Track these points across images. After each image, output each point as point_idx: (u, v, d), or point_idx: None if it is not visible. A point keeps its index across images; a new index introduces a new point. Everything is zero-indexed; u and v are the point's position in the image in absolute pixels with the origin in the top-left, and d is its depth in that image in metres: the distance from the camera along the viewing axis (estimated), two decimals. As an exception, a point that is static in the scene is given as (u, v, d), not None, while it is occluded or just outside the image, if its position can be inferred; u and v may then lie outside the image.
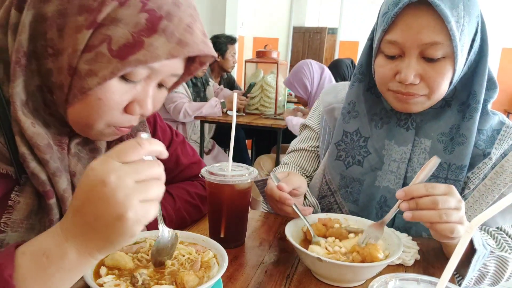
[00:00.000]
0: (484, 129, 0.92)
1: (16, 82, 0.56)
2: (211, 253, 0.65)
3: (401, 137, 0.95)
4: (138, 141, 0.47)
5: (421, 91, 0.86)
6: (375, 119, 0.98)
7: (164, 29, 0.55)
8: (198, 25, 0.60)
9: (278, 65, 3.13)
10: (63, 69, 0.56)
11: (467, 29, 0.81)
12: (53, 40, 0.55)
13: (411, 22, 0.81)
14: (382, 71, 0.89)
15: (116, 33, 0.54)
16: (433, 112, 0.94)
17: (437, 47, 0.80)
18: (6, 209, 0.59)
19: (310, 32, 6.83)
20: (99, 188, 0.44)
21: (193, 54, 0.58)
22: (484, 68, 0.89)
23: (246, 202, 0.84)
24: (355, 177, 0.99)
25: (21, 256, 0.46)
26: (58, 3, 0.54)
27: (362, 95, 1.00)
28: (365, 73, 1.00)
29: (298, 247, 0.69)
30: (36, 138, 0.58)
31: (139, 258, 0.64)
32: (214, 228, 0.83)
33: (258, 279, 0.70)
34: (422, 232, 0.94)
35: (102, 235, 0.46)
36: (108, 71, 0.54)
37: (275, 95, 3.17)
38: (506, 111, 5.35)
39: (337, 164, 1.02)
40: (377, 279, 0.46)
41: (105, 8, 0.53)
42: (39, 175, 0.59)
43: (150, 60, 0.55)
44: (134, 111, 0.62)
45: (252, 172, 0.81)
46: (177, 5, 0.57)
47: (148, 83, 0.61)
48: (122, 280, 0.57)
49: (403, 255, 0.78)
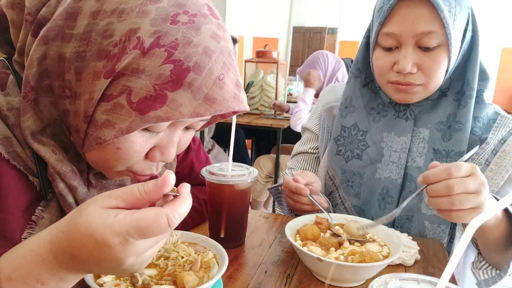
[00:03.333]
0: (480, 116, 0.95)
1: (26, 116, 0.53)
2: (211, 253, 0.65)
3: (401, 128, 0.97)
4: (170, 223, 0.41)
5: (418, 80, 0.89)
6: (373, 113, 1.01)
7: (190, 83, 0.49)
8: (231, 76, 0.53)
9: (278, 65, 3.13)
10: (80, 114, 0.52)
11: (459, 18, 0.85)
12: (70, 83, 0.52)
13: (406, 13, 0.84)
14: (380, 63, 0.92)
15: (137, 84, 0.49)
16: (431, 103, 0.97)
17: (432, 35, 0.84)
18: (29, 225, 0.57)
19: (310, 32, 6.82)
20: (114, 265, 0.41)
21: (220, 113, 0.52)
22: (476, 57, 0.92)
23: (246, 202, 0.84)
24: (355, 171, 1.01)
25: (8, 282, 0.42)
26: (77, 45, 0.51)
27: (358, 90, 1.03)
28: (361, 69, 1.03)
29: (298, 247, 0.69)
30: (60, 165, 0.56)
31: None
32: (214, 228, 0.83)
33: (258, 279, 0.70)
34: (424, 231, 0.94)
35: (105, 273, 0.46)
36: (126, 124, 0.50)
37: (275, 95, 3.17)
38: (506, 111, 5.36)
39: (337, 159, 1.04)
40: (377, 279, 0.46)
41: (125, 57, 0.48)
42: (66, 197, 0.57)
43: (172, 117, 0.50)
44: (155, 158, 0.57)
45: (252, 172, 0.81)
46: (208, 54, 0.50)
47: (173, 131, 0.57)
48: (122, 280, 0.57)
49: (403, 255, 0.78)
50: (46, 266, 0.42)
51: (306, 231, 0.77)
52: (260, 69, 3.28)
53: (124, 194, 0.42)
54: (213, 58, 0.51)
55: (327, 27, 6.69)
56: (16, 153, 0.55)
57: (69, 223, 0.42)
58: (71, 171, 0.57)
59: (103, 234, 0.39)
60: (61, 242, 0.42)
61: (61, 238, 0.42)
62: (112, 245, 0.39)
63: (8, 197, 0.54)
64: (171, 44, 0.49)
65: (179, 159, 0.90)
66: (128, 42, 0.48)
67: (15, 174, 0.55)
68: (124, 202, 0.42)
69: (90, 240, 0.40)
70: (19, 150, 0.55)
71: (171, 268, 0.61)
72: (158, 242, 0.44)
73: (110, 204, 0.41)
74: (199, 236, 0.70)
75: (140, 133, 0.53)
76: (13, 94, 0.55)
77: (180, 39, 0.49)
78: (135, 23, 0.49)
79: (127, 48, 0.48)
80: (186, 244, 0.68)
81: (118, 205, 0.41)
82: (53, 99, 0.55)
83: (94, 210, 0.41)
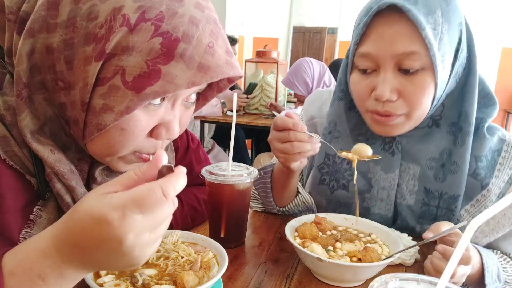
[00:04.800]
0: (483, 155, 0.82)
1: (22, 115, 0.53)
2: (211, 253, 0.65)
3: (387, 163, 0.87)
4: (164, 192, 0.41)
5: (400, 109, 0.77)
6: (361, 140, 0.88)
7: (182, 54, 0.50)
8: (220, 43, 0.54)
9: (278, 65, 3.13)
10: (76, 104, 0.52)
11: (446, 37, 0.73)
12: (62, 73, 0.51)
13: (383, 31, 0.74)
14: (357, 89, 0.82)
15: (129, 62, 0.49)
16: (420, 132, 0.85)
17: (414, 57, 0.72)
18: (27, 224, 0.57)
19: (310, 32, 6.83)
20: (115, 245, 0.40)
21: (216, 79, 0.53)
22: (473, 83, 0.80)
23: (246, 202, 0.84)
24: (342, 201, 0.93)
25: (11, 277, 0.42)
26: (63, 33, 0.50)
27: (344, 114, 0.92)
28: (345, 90, 0.92)
29: (298, 247, 0.69)
30: (58, 165, 0.55)
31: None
32: (214, 228, 0.83)
33: (258, 279, 0.70)
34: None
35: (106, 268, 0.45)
36: (123, 105, 0.50)
37: (275, 95, 3.17)
38: (506, 111, 5.36)
39: (321, 189, 0.95)
40: (377, 279, 0.46)
41: (113, 36, 0.48)
42: (64, 197, 0.57)
43: (169, 90, 0.50)
44: (161, 136, 0.57)
45: (252, 172, 0.81)
46: (194, 23, 0.51)
47: (173, 104, 0.57)
48: (122, 280, 0.57)
49: (403, 255, 0.78)
50: (48, 260, 0.43)
51: (305, 231, 0.77)
52: (260, 69, 3.28)
53: (121, 179, 0.43)
54: (200, 26, 0.51)
55: (327, 27, 6.70)
56: (13, 152, 0.55)
57: (69, 213, 0.43)
58: (70, 171, 0.57)
59: (101, 211, 0.40)
60: (62, 232, 0.42)
61: (62, 229, 0.43)
62: (110, 220, 0.39)
63: (5, 197, 0.54)
64: (157, 17, 0.49)
65: (178, 159, 0.90)
66: (114, 21, 0.49)
67: (12, 173, 0.55)
68: (122, 186, 0.42)
69: (89, 220, 0.40)
70: (16, 150, 0.55)
71: (171, 268, 0.61)
72: (156, 224, 0.42)
73: (109, 190, 0.42)
74: (199, 236, 0.70)
75: (143, 110, 0.53)
76: (10, 93, 0.55)
77: (165, 11, 0.50)
78: (118, 2, 0.49)
79: (113, 27, 0.48)
80: (186, 244, 0.69)
81: (117, 190, 0.42)
82: (46, 96, 0.55)
83: (93, 196, 0.42)
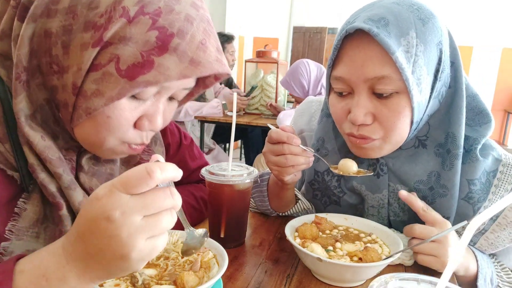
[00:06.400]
0: (476, 178, 0.78)
1: (18, 98, 0.54)
2: (211, 253, 0.65)
3: (374, 185, 0.85)
4: (148, 170, 0.42)
5: (375, 133, 0.75)
6: (350, 157, 0.84)
7: (175, 48, 0.53)
8: (212, 41, 0.57)
9: (278, 65, 3.13)
10: (68, 87, 0.54)
11: (422, 59, 0.70)
12: (58, 57, 0.53)
13: (354, 55, 0.72)
14: (334, 111, 0.81)
15: (125, 52, 0.51)
16: (406, 153, 0.82)
17: (385, 81, 0.70)
18: (12, 217, 0.57)
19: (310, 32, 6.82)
20: (103, 224, 0.41)
21: (206, 74, 0.56)
22: (460, 105, 0.77)
23: (246, 202, 0.84)
24: None
25: (20, 275, 0.44)
26: (63, 19, 0.52)
27: (331, 131, 0.91)
28: None
29: (298, 247, 0.69)
30: (47, 152, 0.57)
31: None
32: (214, 228, 0.83)
33: (258, 279, 0.70)
34: None
35: (103, 267, 0.44)
36: (115, 91, 0.52)
37: (275, 95, 3.17)
38: (506, 111, 5.36)
39: (315, 203, 0.96)
40: (377, 279, 0.46)
41: (112, 26, 0.51)
42: (48, 187, 0.58)
43: (161, 81, 0.53)
44: (144, 127, 0.60)
45: (252, 172, 0.81)
46: (189, 21, 0.54)
47: (158, 99, 0.59)
48: (122, 280, 0.57)
49: (403, 255, 0.78)
50: (54, 259, 0.45)
51: (305, 231, 0.77)
52: (260, 69, 3.28)
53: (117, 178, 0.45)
54: (194, 24, 0.55)
55: (327, 27, 6.69)
56: None
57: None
58: (58, 159, 0.59)
59: (94, 192, 0.43)
60: (70, 230, 0.46)
61: (70, 229, 0.46)
62: (100, 197, 0.42)
63: None
64: (155, 12, 0.52)
65: (170, 155, 0.90)
66: (114, 11, 0.51)
67: None
68: None
69: (85, 206, 0.44)
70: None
71: (171, 268, 0.62)
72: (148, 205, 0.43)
73: None
74: (199, 236, 0.70)
75: (128, 100, 0.56)
76: None
77: (163, 7, 0.53)
78: None
79: (113, 17, 0.51)
80: (186, 244, 0.68)
81: None
82: (40, 80, 0.57)
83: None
